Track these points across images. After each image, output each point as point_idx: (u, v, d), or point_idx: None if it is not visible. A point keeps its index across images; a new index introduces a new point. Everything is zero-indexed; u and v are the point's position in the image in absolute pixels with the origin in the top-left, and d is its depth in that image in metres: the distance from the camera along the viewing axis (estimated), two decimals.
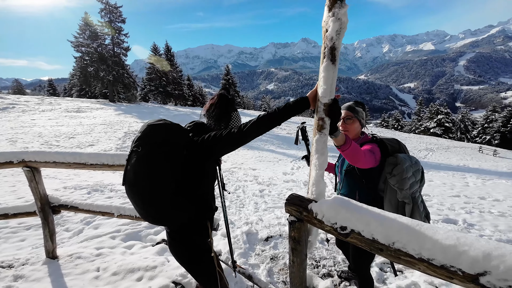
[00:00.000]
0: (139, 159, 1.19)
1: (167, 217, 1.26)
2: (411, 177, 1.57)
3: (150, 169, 1.17)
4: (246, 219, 3.50)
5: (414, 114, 59.97)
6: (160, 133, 1.23)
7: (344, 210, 0.95)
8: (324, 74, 1.09)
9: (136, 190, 1.20)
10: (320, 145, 1.16)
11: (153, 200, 1.18)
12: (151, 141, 1.21)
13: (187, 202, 1.28)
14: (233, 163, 9.01)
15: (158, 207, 1.20)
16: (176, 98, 40.36)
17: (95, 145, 11.73)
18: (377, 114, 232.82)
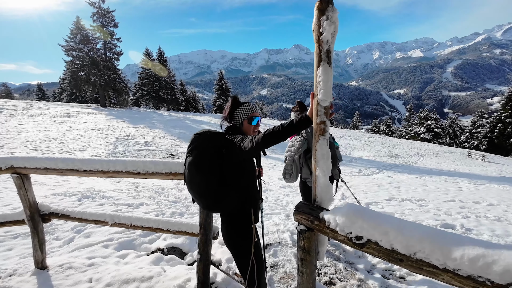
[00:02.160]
0: (190, 162, 1.55)
1: (217, 205, 1.55)
2: None
3: (198, 168, 1.51)
4: None
5: (404, 120, 61.14)
6: (202, 139, 1.59)
7: (360, 218, 0.90)
8: (323, 77, 1.09)
9: (191, 186, 1.54)
10: (324, 149, 1.13)
11: (203, 192, 1.52)
12: (197, 146, 1.57)
13: (231, 192, 1.56)
14: None
15: (209, 197, 1.52)
16: (169, 103, 40.06)
17: (85, 150, 11.47)
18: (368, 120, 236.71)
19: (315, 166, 1.15)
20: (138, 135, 15.20)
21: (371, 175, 9.64)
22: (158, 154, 11.55)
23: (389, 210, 4.15)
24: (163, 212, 4.02)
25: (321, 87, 1.09)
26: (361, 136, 33.98)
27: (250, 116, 1.71)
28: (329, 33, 1.04)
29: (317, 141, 1.14)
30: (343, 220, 0.93)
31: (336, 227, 0.96)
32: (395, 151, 23.33)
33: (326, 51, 1.07)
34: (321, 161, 1.12)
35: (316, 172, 1.14)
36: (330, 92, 1.10)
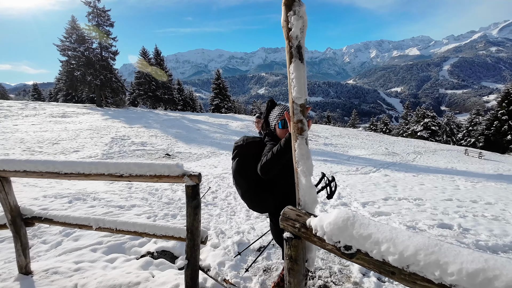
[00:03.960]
0: (233, 169, 1.84)
1: (257, 208, 1.80)
2: None
3: (240, 175, 1.78)
4: (238, 228, 3.35)
5: (401, 118, 61.32)
6: (241, 148, 1.83)
7: (349, 226, 0.83)
8: (295, 73, 1.03)
9: (236, 188, 1.83)
10: (303, 149, 1.06)
11: (244, 194, 1.78)
12: (238, 154, 1.83)
13: (267, 195, 1.76)
14: (224, 169, 8.83)
15: (249, 201, 1.78)
16: (166, 103, 39.85)
17: (80, 151, 11.34)
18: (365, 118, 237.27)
19: (295, 168, 1.08)
20: (134, 135, 15.06)
21: (368, 173, 9.60)
22: (154, 154, 11.44)
23: (386, 210, 4.09)
24: (156, 214, 3.93)
25: (295, 84, 1.04)
26: (359, 134, 34.01)
27: (280, 120, 1.71)
28: (298, 28, 0.99)
29: (296, 141, 1.07)
30: (331, 228, 0.86)
31: (324, 235, 0.88)
32: (392, 149, 23.36)
33: (296, 47, 1.02)
34: (301, 161, 1.05)
35: (297, 173, 1.07)
36: (305, 89, 1.05)
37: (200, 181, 1.72)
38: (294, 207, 1.07)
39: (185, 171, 1.71)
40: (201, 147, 13.87)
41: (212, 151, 13.21)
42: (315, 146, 19.47)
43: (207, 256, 2.68)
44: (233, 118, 29.48)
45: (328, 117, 67.57)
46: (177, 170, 1.70)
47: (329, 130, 32.01)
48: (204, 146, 14.34)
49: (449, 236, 3.17)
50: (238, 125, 24.08)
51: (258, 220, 3.77)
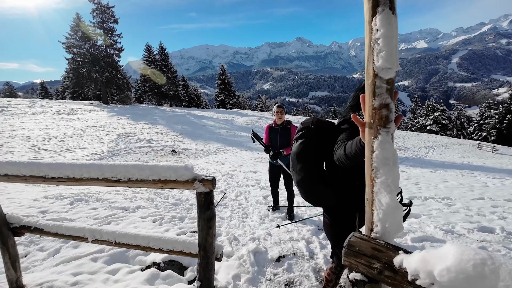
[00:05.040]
0: (294, 149, 1.59)
1: (312, 197, 1.56)
2: None
3: (299, 157, 1.54)
4: (252, 234, 3.02)
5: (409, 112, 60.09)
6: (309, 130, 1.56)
7: (489, 276, 0.48)
8: (383, 30, 0.65)
9: (292, 172, 1.61)
10: (388, 150, 0.70)
11: (300, 181, 1.54)
12: (303, 136, 1.56)
13: (328, 191, 1.50)
14: (232, 165, 8.53)
15: (303, 188, 1.54)
16: (171, 99, 39.68)
17: (86, 148, 11.16)
18: None
19: (371, 178, 0.72)
20: (140, 131, 14.87)
21: None
22: (160, 151, 11.20)
23: (414, 211, 3.71)
24: (162, 217, 3.64)
25: (381, 47, 0.66)
26: None
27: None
28: None
29: (376, 137, 0.71)
30: (451, 277, 0.50)
31: (433, 285, 0.53)
32: (403, 144, 22.73)
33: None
34: (384, 169, 0.69)
35: (375, 187, 0.71)
36: (396, 55, 0.67)
37: (214, 187, 1.39)
38: (365, 235, 0.72)
39: (196, 175, 1.38)
40: (207, 143, 13.59)
41: (219, 147, 12.92)
42: None
43: (220, 267, 2.37)
44: (238, 114, 29.13)
45: (335, 111, 66.67)
46: (185, 173, 1.37)
47: None
48: (210, 142, 14.06)
49: (494, 242, 2.79)
50: (244, 121, 23.74)
51: (274, 224, 3.45)
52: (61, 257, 2.62)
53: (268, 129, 3.72)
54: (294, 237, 2.89)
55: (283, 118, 3.56)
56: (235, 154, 11.28)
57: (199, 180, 1.36)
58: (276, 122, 3.61)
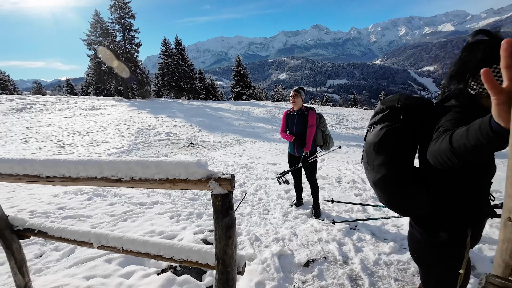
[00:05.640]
0: (373, 138, 1.18)
1: (397, 203, 1.16)
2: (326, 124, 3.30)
3: (381, 148, 1.14)
4: (275, 233, 2.75)
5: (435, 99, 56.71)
6: (394, 111, 1.14)
7: None
8: None
9: (366, 168, 1.25)
10: None
11: (379, 181, 1.15)
12: (385, 119, 1.16)
13: (421, 190, 1.09)
14: (250, 157, 8.28)
15: (385, 189, 1.15)
16: (188, 92, 40.01)
17: (108, 142, 11.37)
18: None
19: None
20: (159, 125, 15.00)
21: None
22: (179, 143, 11.19)
23: None
24: (179, 213, 3.46)
25: None
26: None
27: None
28: None
29: None
30: None
31: None
32: None
33: None
34: None
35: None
36: None
37: (233, 187, 1.11)
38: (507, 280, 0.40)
39: (211, 172, 1.10)
40: (224, 135, 13.44)
41: (236, 138, 12.73)
42: (344, 131, 18.27)
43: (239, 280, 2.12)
44: (254, 105, 28.75)
45: (355, 100, 64.18)
46: (198, 171, 1.09)
47: (357, 114, 30.15)
48: (227, 134, 13.90)
49: None
50: (260, 112, 23.37)
51: (299, 222, 3.15)
52: (75, 258, 2.50)
53: (286, 116, 3.41)
54: (323, 238, 2.58)
55: (298, 103, 3.19)
56: (253, 146, 11.03)
57: (214, 179, 1.08)
58: (294, 108, 3.27)
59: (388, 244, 2.39)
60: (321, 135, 3.31)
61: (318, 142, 3.30)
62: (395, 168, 1.10)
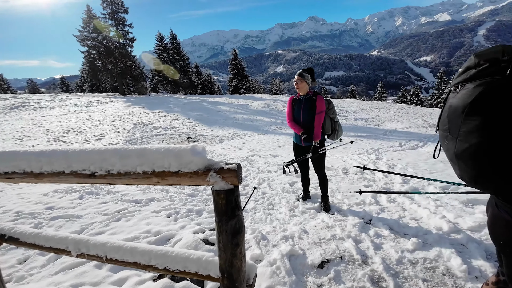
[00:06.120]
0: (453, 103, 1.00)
1: (487, 179, 0.90)
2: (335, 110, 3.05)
3: (463, 116, 0.92)
4: (283, 230, 2.50)
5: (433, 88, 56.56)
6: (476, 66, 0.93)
7: None
8: None
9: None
10: None
11: (463, 155, 0.93)
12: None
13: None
14: (250, 150, 8.01)
15: (476, 163, 0.90)
16: (185, 87, 39.47)
17: (103, 138, 11.08)
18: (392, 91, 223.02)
19: None
20: (156, 120, 14.68)
21: (416, 148, 8.30)
22: (176, 138, 10.90)
23: (481, 197, 3.03)
24: (177, 211, 3.20)
25: None
26: (389, 107, 31.51)
27: None
28: None
29: None
30: None
31: None
32: (431, 121, 21.15)
33: None
34: None
35: None
36: None
37: (240, 180, 0.84)
38: None
39: (210, 161, 0.84)
40: (223, 129, 13.15)
41: (235, 132, 12.45)
42: (344, 121, 18.01)
43: None
44: (252, 98, 28.36)
45: (353, 91, 63.68)
46: (194, 160, 0.83)
47: (355, 105, 29.88)
48: (226, 127, 13.61)
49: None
50: (258, 105, 23.03)
51: (307, 217, 2.90)
52: (62, 264, 2.24)
53: (291, 102, 3.05)
54: (337, 235, 2.33)
55: (303, 89, 2.87)
56: (252, 139, 10.76)
57: (215, 171, 0.82)
58: (300, 94, 2.96)
59: (411, 240, 2.15)
60: (330, 123, 3.03)
61: (327, 130, 3.02)
62: (492, 133, 0.86)
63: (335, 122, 3.08)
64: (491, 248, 1.99)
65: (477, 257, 1.88)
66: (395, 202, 3.16)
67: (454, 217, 2.56)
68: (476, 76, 0.91)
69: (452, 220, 2.48)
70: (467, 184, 1.01)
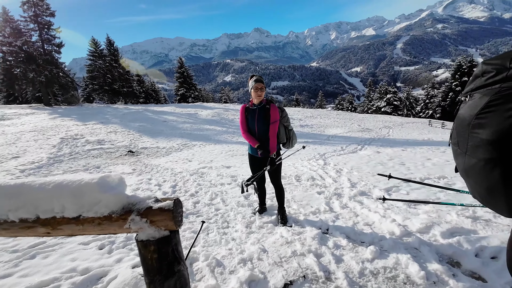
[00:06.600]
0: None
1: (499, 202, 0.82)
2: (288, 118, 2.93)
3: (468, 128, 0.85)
4: (241, 252, 2.24)
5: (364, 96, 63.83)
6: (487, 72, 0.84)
7: None
8: None
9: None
10: None
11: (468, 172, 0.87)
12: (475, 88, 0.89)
13: None
14: (201, 162, 7.58)
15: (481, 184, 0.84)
16: (126, 96, 36.44)
17: (21, 156, 9.27)
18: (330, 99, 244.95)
19: None
20: (89, 133, 13.00)
21: (356, 152, 8.98)
22: (114, 152, 9.75)
23: (420, 196, 3.28)
24: (112, 240, 2.65)
25: None
26: (329, 114, 34.33)
27: None
28: None
29: None
30: None
31: None
32: (364, 126, 23.59)
33: None
34: None
35: None
36: None
37: (179, 223, 0.58)
38: None
39: (131, 198, 0.56)
40: (170, 140, 12.32)
41: (183, 143, 11.77)
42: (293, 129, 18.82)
43: None
44: (202, 107, 27.69)
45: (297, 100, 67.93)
46: (104, 199, 0.54)
47: (300, 112, 31.71)
48: (173, 138, 12.80)
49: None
50: (208, 114, 22.53)
51: (265, 232, 2.69)
52: None
53: (244, 111, 2.83)
54: (297, 251, 2.18)
55: (262, 96, 2.70)
56: (203, 149, 10.29)
57: (139, 213, 0.54)
58: (253, 102, 2.76)
59: (368, 249, 2.12)
60: (284, 131, 2.93)
61: (282, 139, 2.90)
62: (499, 150, 0.75)
63: (289, 130, 2.99)
64: (441, 249, 2.09)
65: (431, 260, 1.93)
66: (348, 208, 3.21)
67: (402, 219, 2.67)
68: (483, 85, 0.85)
69: (401, 223, 2.58)
70: (480, 202, 0.93)
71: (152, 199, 0.57)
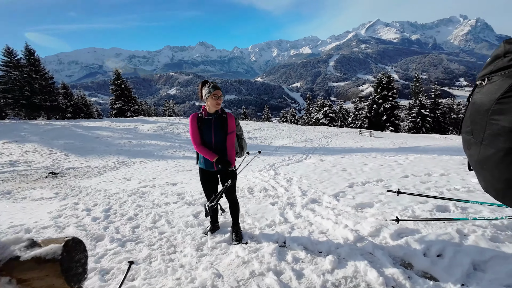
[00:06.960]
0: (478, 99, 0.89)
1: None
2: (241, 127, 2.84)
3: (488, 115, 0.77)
4: (191, 281, 1.91)
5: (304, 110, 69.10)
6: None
7: None
8: None
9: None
10: None
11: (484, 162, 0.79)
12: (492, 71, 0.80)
13: None
14: (142, 181, 6.83)
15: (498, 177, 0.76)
16: (49, 111, 31.68)
17: None
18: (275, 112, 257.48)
19: None
20: None
21: (302, 161, 9.37)
22: (31, 175, 8.11)
23: (364, 200, 3.44)
24: None
25: None
26: (275, 126, 35.74)
27: None
28: None
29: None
30: None
31: None
32: (307, 136, 25.14)
33: None
34: None
35: None
36: None
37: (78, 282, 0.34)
38: None
39: None
40: (103, 158, 10.92)
41: (121, 160, 10.56)
42: None
43: None
44: (142, 121, 25.72)
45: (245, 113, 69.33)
46: None
47: (249, 125, 32.21)
48: (108, 156, 11.39)
49: (460, 221, 2.63)
50: (150, 128, 21.00)
51: (219, 253, 2.42)
52: None
53: (197, 121, 2.53)
54: (256, 271, 1.98)
55: (220, 105, 2.52)
56: (144, 166, 9.38)
57: None
58: (207, 111, 2.52)
59: (327, 258, 2.06)
60: (236, 140, 2.77)
61: (236, 149, 2.73)
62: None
63: (241, 139, 2.84)
64: (393, 251, 2.15)
65: (387, 264, 1.96)
66: (301, 217, 3.17)
67: (354, 224, 2.73)
68: (506, 66, 0.76)
69: (353, 228, 2.64)
70: (494, 198, 0.85)
71: (22, 244, 0.33)
